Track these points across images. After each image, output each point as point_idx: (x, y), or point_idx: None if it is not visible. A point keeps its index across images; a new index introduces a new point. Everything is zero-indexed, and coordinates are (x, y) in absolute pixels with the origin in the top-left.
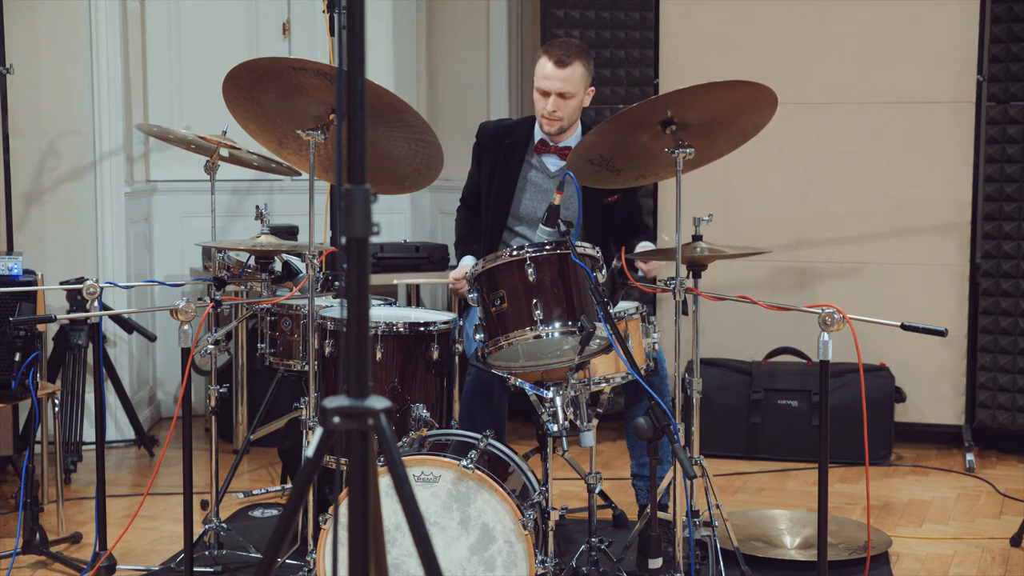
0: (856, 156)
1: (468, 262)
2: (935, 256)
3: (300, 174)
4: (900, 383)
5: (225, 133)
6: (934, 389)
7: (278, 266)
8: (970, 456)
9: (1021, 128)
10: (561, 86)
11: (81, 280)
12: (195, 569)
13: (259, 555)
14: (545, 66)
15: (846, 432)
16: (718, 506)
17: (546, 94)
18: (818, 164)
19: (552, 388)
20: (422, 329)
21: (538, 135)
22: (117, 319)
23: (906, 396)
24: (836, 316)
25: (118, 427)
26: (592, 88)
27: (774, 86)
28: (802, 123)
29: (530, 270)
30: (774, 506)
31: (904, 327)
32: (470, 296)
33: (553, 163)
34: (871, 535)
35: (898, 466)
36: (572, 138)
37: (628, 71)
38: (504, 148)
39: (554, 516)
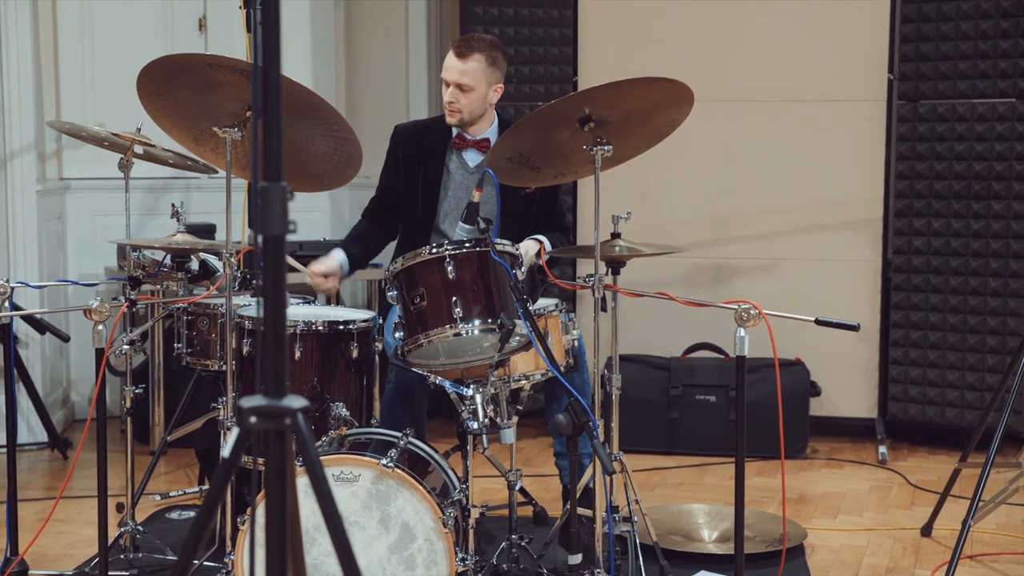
0: (771, 153)
1: (337, 255)
2: (849, 252)
3: (217, 172)
4: (815, 377)
5: (140, 130)
6: (848, 383)
7: (195, 265)
8: (883, 448)
9: (931, 126)
10: (458, 77)
11: None
12: (110, 573)
13: (176, 557)
14: (449, 56)
15: (762, 426)
16: (637, 501)
17: (447, 85)
18: (734, 161)
19: (472, 386)
20: (341, 327)
21: (455, 130)
22: (29, 319)
23: (821, 390)
24: (752, 312)
25: (30, 429)
26: (500, 85)
27: (691, 84)
28: (719, 120)
29: (449, 267)
30: (692, 500)
31: (818, 322)
32: (389, 294)
33: (471, 158)
34: (787, 528)
35: (813, 459)
36: (489, 131)
37: (547, 68)
38: (425, 147)
39: (474, 514)
